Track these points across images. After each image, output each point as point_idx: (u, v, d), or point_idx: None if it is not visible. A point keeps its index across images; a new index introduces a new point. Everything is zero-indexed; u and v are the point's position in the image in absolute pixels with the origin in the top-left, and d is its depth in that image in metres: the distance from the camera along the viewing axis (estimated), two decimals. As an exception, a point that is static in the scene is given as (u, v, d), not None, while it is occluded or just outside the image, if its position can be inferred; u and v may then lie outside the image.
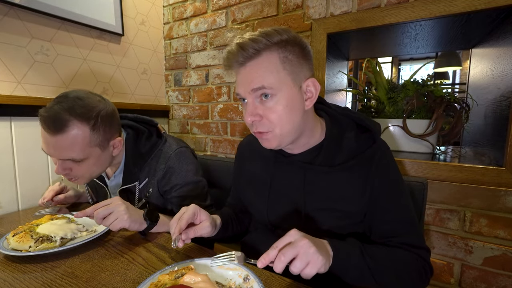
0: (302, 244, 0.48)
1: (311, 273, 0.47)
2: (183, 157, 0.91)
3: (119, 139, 0.83)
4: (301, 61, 0.60)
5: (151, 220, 0.76)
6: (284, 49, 0.58)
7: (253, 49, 0.56)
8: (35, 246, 0.70)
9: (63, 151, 0.71)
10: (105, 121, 0.77)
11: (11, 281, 0.58)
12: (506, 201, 0.87)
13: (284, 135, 0.61)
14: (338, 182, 0.65)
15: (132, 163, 0.88)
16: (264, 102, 0.59)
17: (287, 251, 0.47)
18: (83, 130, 0.72)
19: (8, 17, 1.03)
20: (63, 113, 0.70)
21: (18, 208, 1.09)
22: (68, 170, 0.76)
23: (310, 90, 0.61)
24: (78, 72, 1.27)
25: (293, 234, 0.50)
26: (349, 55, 1.54)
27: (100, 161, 0.80)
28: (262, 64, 0.58)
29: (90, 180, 0.85)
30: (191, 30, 1.58)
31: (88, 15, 1.26)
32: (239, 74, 0.61)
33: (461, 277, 0.96)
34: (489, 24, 1.00)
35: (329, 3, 1.14)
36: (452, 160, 1.01)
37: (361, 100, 1.48)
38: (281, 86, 0.58)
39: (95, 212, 0.70)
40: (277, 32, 0.58)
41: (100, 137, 0.76)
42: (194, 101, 1.63)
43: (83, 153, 0.74)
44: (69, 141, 0.71)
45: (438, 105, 1.05)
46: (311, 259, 0.47)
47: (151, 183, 0.90)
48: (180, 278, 0.54)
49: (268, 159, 0.74)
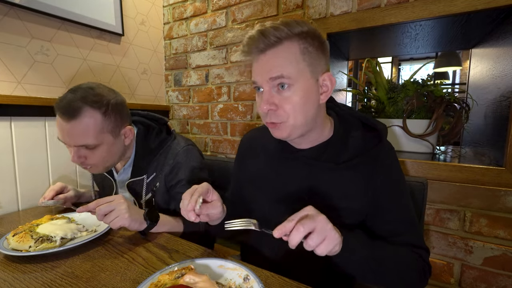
0: (320, 218, 0.48)
1: (327, 250, 0.47)
2: (190, 154, 0.94)
3: (130, 127, 0.87)
4: (320, 54, 0.60)
5: (151, 220, 0.76)
6: (305, 40, 0.58)
7: (274, 36, 0.56)
8: (35, 246, 0.70)
9: (77, 137, 0.76)
10: (116, 109, 0.81)
11: (11, 281, 0.58)
12: (506, 201, 0.87)
13: (297, 126, 0.61)
14: (343, 179, 0.66)
15: (142, 157, 0.91)
16: (281, 92, 0.59)
17: (306, 222, 0.47)
18: (95, 116, 0.76)
19: (8, 17, 1.03)
20: (77, 101, 0.74)
21: (18, 208, 1.09)
22: (83, 158, 0.80)
23: (326, 84, 0.62)
24: (78, 72, 1.27)
25: (309, 209, 0.50)
26: (349, 55, 1.54)
27: (112, 149, 0.83)
28: (282, 53, 0.57)
29: (104, 170, 0.87)
30: (191, 30, 1.58)
31: (88, 15, 1.26)
32: (257, 61, 0.60)
33: (461, 277, 0.96)
34: (489, 24, 1.00)
35: (329, 3, 1.14)
36: (452, 160, 1.01)
37: (361, 100, 1.48)
38: (299, 77, 0.58)
39: (97, 208, 0.70)
40: (298, 24, 0.58)
41: (112, 123, 0.80)
42: (194, 101, 1.63)
43: (96, 139, 0.77)
44: (83, 127, 0.75)
45: (438, 105, 1.05)
46: (328, 235, 0.47)
47: (158, 177, 0.92)
48: (180, 278, 0.54)
49: (272, 154, 0.74)
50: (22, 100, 1.05)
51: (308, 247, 0.47)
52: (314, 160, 0.67)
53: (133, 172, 0.92)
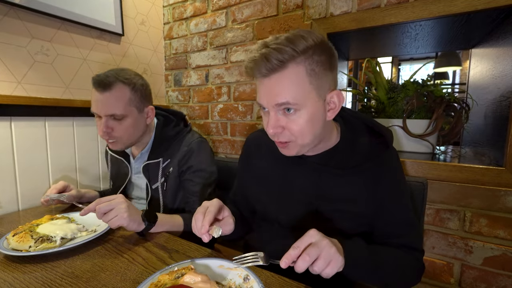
0: (324, 244, 0.49)
1: (332, 273, 0.49)
2: (203, 145, 1.02)
3: (152, 107, 0.98)
4: (327, 72, 0.58)
5: (149, 221, 0.77)
6: (311, 60, 0.55)
7: (277, 60, 0.53)
8: (35, 246, 0.70)
9: (109, 106, 0.87)
10: (141, 88, 0.94)
11: (11, 281, 0.58)
12: (506, 201, 0.87)
13: (304, 145, 0.62)
14: (350, 184, 0.66)
15: (159, 143, 1.01)
16: (287, 115, 0.58)
17: (311, 251, 0.48)
18: (124, 91, 0.89)
19: (8, 17, 1.03)
20: (110, 76, 0.87)
21: (18, 208, 1.09)
22: (110, 129, 0.89)
23: (333, 101, 0.60)
24: (78, 72, 1.27)
25: (313, 234, 0.51)
26: (349, 55, 1.54)
27: (136, 123, 0.94)
28: (287, 78, 0.55)
29: (125, 146, 0.95)
30: (191, 30, 1.58)
31: (88, 15, 1.26)
32: (262, 84, 0.58)
33: (461, 277, 0.96)
34: (489, 24, 1.00)
35: (329, 3, 1.14)
36: (452, 160, 1.01)
37: (361, 100, 1.48)
38: (306, 101, 0.56)
39: (97, 207, 0.72)
40: (303, 38, 0.54)
41: (138, 99, 0.92)
42: (194, 101, 1.63)
43: (124, 109, 0.89)
44: (114, 98, 0.87)
45: (438, 105, 1.05)
46: (332, 259, 0.48)
47: (172, 163, 0.99)
48: (180, 278, 0.54)
49: (279, 157, 0.73)
50: (22, 100, 1.05)
51: (314, 272, 0.49)
52: (322, 166, 0.67)
53: (150, 155, 1.00)
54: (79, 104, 1.24)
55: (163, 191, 1.00)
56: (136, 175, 1.07)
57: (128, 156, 1.08)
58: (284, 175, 0.73)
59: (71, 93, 1.25)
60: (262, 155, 0.80)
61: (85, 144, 1.30)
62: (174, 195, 1.01)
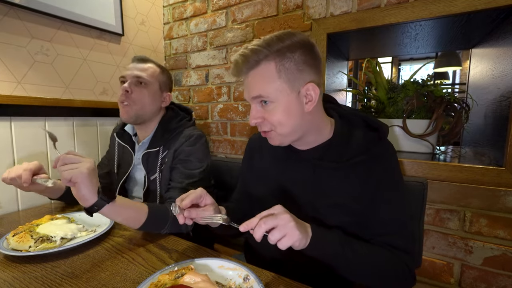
0: (283, 217, 0.53)
1: (287, 244, 0.51)
2: (199, 139, 1.02)
3: (170, 94, 1.07)
4: (300, 67, 0.61)
5: (105, 194, 0.65)
6: (282, 57, 0.60)
7: (253, 60, 0.61)
8: (35, 246, 0.70)
9: (140, 71, 0.98)
10: (167, 75, 1.07)
11: (11, 281, 0.58)
12: (506, 201, 0.87)
13: (284, 135, 0.65)
14: (345, 178, 0.67)
15: (161, 134, 1.02)
16: (265, 107, 0.64)
17: (268, 220, 0.52)
18: (155, 68, 1.03)
19: (8, 17, 1.03)
20: (148, 58, 1.04)
21: (18, 208, 1.09)
22: (130, 90, 0.95)
23: (309, 94, 0.63)
24: (78, 72, 1.27)
25: (277, 208, 0.55)
26: (349, 55, 1.54)
27: (154, 98, 1.00)
28: (259, 74, 0.62)
29: (135, 116, 0.97)
30: (191, 30, 1.58)
31: (88, 15, 1.26)
32: (244, 81, 0.66)
33: (461, 277, 0.96)
34: (489, 24, 1.00)
35: (329, 3, 1.14)
36: (452, 160, 1.01)
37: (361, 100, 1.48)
38: (277, 94, 0.61)
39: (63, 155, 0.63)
40: (279, 39, 0.60)
41: (163, 79, 1.04)
42: (194, 101, 1.63)
43: (151, 77, 0.99)
44: (144, 67, 1.00)
45: (438, 105, 1.05)
46: (288, 232, 0.51)
47: (169, 153, 1.00)
48: (180, 278, 0.55)
49: (278, 155, 0.76)
50: (22, 100, 1.05)
51: (271, 242, 0.52)
52: (317, 160, 0.69)
53: (151, 144, 1.02)
54: (79, 104, 1.24)
55: (160, 183, 0.98)
56: (138, 166, 1.05)
57: (134, 145, 1.07)
58: (283, 172, 0.75)
59: (71, 93, 1.25)
60: (262, 155, 0.82)
61: (85, 144, 1.30)
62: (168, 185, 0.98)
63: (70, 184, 0.62)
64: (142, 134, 1.06)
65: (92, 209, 0.64)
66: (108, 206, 0.65)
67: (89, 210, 0.64)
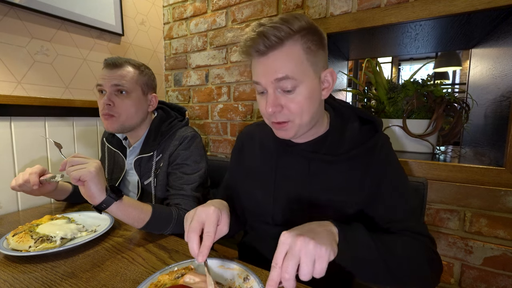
0: (299, 246, 0.43)
1: (323, 269, 0.43)
2: (194, 140, 0.99)
3: (155, 95, 1.00)
4: (320, 50, 0.60)
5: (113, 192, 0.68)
6: (306, 38, 0.57)
7: (275, 37, 0.55)
8: (35, 246, 0.70)
9: (116, 78, 0.89)
10: (149, 74, 0.99)
11: (11, 281, 0.58)
12: (506, 201, 0.87)
13: (303, 125, 0.61)
14: (341, 172, 0.65)
15: (153, 137, 0.98)
16: (286, 93, 0.58)
17: (288, 265, 0.42)
18: (133, 71, 0.93)
19: (8, 17, 1.03)
20: (121, 59, 0.92)
21: (18, 208, 1.09)
22: (111, 102, 0.88)
23: (327, 80, 0.62)
24: (78, 72, 1.27)
25: (284, 240, 0.44)
26: (349, 55, 1.54)
27: (138, 105, 0.94)
28: (285, 54, 0.56)
29: (122, 128, 0.92)
30: (191, 30, 1.58)
31: (88, 15, 1.26)
32: (259, 63, 0.59)
33: (461, 277, 0.96)
34: (489, 24, 1.00)
35: (329, 3, 1.14)
36: (452, 160, 1.01)
37: (361, 100, 1.48)
38: (304, 77, 0.57)
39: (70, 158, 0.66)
40: (297, 19, 0.56)
41: (144, 81, 0.96)
42: (194, 101, 1.63)
43: (130, 84, 0.91)
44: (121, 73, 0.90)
45: (438, 105, 1.05)
46: (315, 255, 0.42)
47: (163, 158, 0.96)
48: (180, 278, 0.55)
49: (270, 150, 0.73)
50: (22, 100, 1.05)
51: (306, 279, 0.42)
52: (312, 154, 0.67)
53: (142, 148, 0.98)
54: (79, 104, 1.24)
55: (155, 187, 0.96)
56: (131, 171, 1.02)
57: (125, 150, 1.04)
58: (276, 167, 0.72)
59: (71, 93, 1.25)
60: (253, 150, 0.79)
61: (85, 144, 1.30)
62: (165, 190, 0.96)
63: (79, 183, 0.65)
64: (132, 139, 1.02)
65: (100, 207, 0.67)
66: (115, 204, 0.69)
67: (98, 208, 0.68)
